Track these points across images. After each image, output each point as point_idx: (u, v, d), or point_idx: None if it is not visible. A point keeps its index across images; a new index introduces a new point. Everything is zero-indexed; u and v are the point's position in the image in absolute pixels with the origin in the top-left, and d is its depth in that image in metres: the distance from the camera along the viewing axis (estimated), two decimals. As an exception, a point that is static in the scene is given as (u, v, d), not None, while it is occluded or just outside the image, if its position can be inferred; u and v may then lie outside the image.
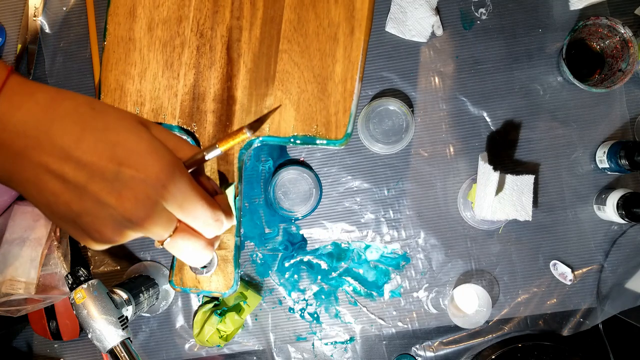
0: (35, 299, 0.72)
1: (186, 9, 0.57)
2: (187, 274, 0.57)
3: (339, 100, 0.55)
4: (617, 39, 0.71)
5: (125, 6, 0.57)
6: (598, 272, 0.77)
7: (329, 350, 0.79)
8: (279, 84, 0.56)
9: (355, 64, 0.55)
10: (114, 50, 0.58)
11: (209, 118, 0.58)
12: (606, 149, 0.74)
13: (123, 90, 0.58)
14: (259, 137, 0.56)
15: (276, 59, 0.56)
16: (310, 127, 0.56)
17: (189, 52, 0.57)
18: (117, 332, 0.58)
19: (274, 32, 0.56)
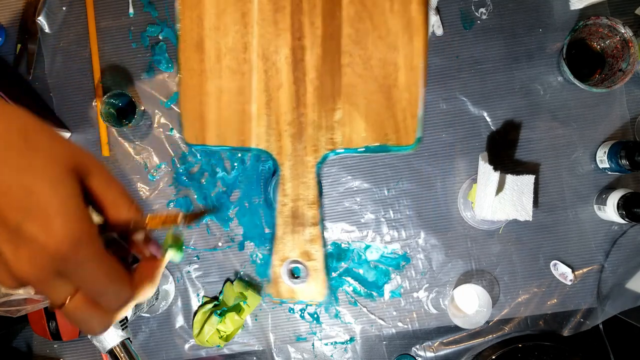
0: (35, 299, 0.72)
1: (249, 36, 0.60)
2: (282, 285, 0.59)
3: (406, 107, 0.57)
4: (618, 38, 0.71)
5: (192, 40, 0.60)
6: (598, 272, 0.77)
7: (329, 350, 0.79)
8: (345, 98, 0.59)
9: (417, 70, 0.57)
10: (189, 84, 0.61)
11: (284, 138, 0.60)
12: (606, 149, 0.74)
13: (203, 122, 0.61)
14: (333, 151, 0.58)
15: (340, 73, 0.59)
16: (381, 136, 0.58)
17: (257, 77, 0.60)
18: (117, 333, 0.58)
19: (334, 47, 0.59)
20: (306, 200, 0.60)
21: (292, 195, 0.60)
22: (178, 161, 0.79)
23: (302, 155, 0.60)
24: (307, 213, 0.60)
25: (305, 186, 0.60)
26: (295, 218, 0.60)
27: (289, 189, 0.60)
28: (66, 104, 0.79)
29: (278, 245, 0.59)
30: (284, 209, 0.60)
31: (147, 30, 0.79)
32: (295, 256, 0.59)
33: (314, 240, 0.59)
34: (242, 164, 0.78)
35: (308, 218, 0.60)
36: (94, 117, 0.79)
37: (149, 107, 0.79)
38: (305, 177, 0.60)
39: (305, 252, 0.59)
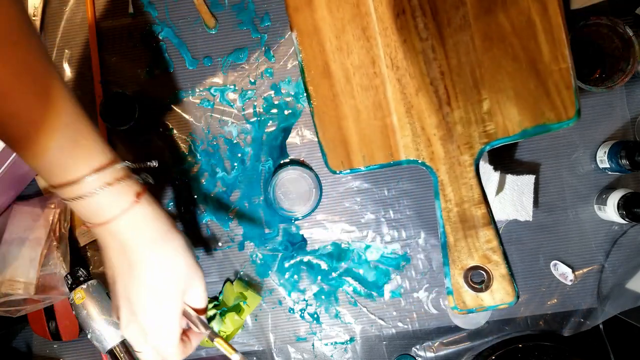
0: (35, 299, 0.72)
1: (375, 49, 0.58)
2: (467, 295, 0.56)
3: (557, 79, 0.54)
4: (618, 38, 0.71)
5: (317, 68, 0.58)
6: (599, 272, 0.77)
7: (329, 350, 0.79)
8: (490, 86, 0.56)
9: (559, 39, 0.54)
10: (323, 112, 0.59)
11: (434, 142, 0.57)
12: (607, 149, 0.74)
13: (346, 146, 0.59)
14: (489, 143, 0.56)
15: (478, 62, 0.56)
16: (537, 117, 0.55)
17: (392, 87, 0.58)
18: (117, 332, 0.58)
19: (467, 38, 0.56)
20: (472, 200, 0.57)
21: (456, 199, 0.57)
22: (178, 161, 0.79)
23: (457, 156, 0.57)
24: (476, 213, 0.56)
25: (467, 187, 0.57)
26: (465, 222, 0.57)
27: (451, 193, 0.57)
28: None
29: (453, 254, 0.56)
30: (450, 215, 0.57)
31: (147, 30, 0.79)
32: (475, 262, 0.56)
33: (490, 240, 0.56)
34: (242, 164, 0.78)
35: (478, 219, 0.56)
36: (94, 117, 0.79)
37: (148, 107, 0.79)
38: (465, 178, 0.57)
39: (484, 255, 0.56)
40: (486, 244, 0.56)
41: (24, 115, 0.41)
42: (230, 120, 0.78)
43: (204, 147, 0.79)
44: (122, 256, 0.47)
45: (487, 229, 0.56)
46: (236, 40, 0.79)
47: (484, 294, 0.55)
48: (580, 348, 0.76)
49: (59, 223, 0.75)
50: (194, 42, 0.79)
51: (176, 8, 0.79)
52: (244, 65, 0.79)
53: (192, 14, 0.79)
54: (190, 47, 0.79)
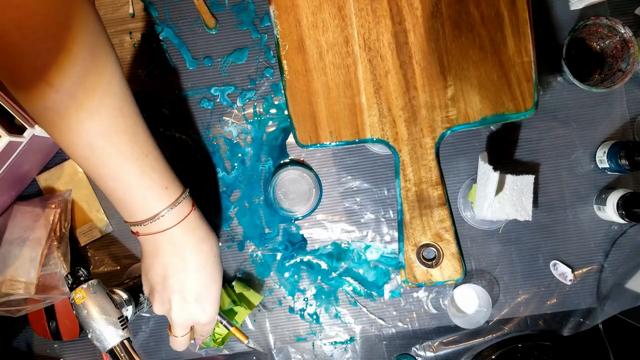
0: (35, 299, 0.72)
1: (349, 29, 0.60)
2: (417, 270, 0.59)
3: (519, 72, 0.57)
4: (617, 39, 0.71)
5: (292, 42, 0.60)
6: (598, 272, 0.77)
7: (329, 350, 0.79)
8: (455, 74, 0.58)
9: (525, 33, 0.56)
10: (295, 86, 0.61)
11: (398, 124, 0.60)
12: (606, 149, 0.74)
13: (314, 120, 0.61)
14: (450, 128, 0.59)
15: (447, 50, 0.58)
16: (497, 106, 0.58)
17: (363, 67, 0.60)
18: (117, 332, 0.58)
19: (437, 25, 0.58)
20: (429, 182, 0.59)
21: (415, 179, 0.59)
22: (178, 161, 0.79)
23: (420, 138, 0.59)
24: (433, 194, 0.59)
25: (426, 168, 0.59)
26: (421, 201, 0.59)
27: (410, 174, 0.60)
28: (66, 104, 0.79)
29: (408, 231, 0.59)
30: (409, 194, 0.60)
31: (147, 30, 0.79)
32: (427, 239, 0.59)
33: (444, 220, 0.59)
34: (242, 164, 0.78)
35: (434, 199, 0.59)
36: (94, 117, 0.79)
37: (148, 107, 0.79)
38: (425, 159, 0.59)
39: (437, 233, 0.59)
40: (440, 223, 0.59)
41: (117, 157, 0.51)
42: (230, 120, 0.79)
43: (204, 147, 0.79)
44: (177, 256, 0.56)
45: (441, 209, 0.59)
46: (236, 40, 0.79)
47: (434, 269, 0.59)
48: (579, 348, 0.76)
49: (60, 223, 0.75)
50: (194, 42, 0.79)
51: (176, 8, 0.79)
52: (244, 65, 0.79)
53: (193, 14, 0.79)
54: (191, 47, 0.79)
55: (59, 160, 0.79)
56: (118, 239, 0.79)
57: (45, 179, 0.79)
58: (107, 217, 0.79)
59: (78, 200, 0.79)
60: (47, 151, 0.77)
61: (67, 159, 0.79)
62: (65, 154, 0.78)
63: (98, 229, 0.79)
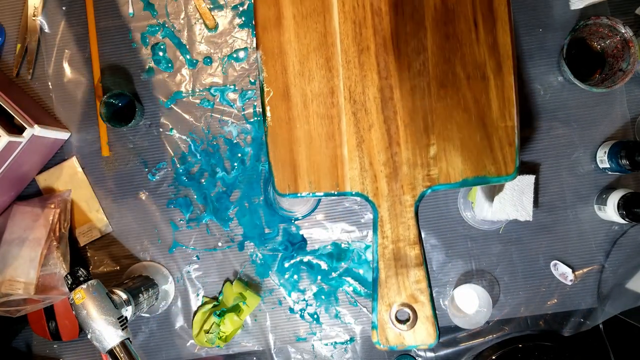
0: (35, 299, 0.72)
1: (336, 80, 0.60)
2: (390, 332, 0.58)
3: (502, 136, 0.57)
4: (618, 38, 0.71)
5: (278, 89, 0.60)
6: (599, 273, 0.77)
7: (329, 350, 0.79)
8: (439, 133, 0.58)
9: (509, 98, 0.57)
10: (277, 133, 0.60)
11: (379, 179, 0.59)
12: (607, 149, 0.74)
13: (294, 169, 0.60)
14: (430, 187, 0.59)
15: (432, 109, 0.58)
16: (479, 169, 0.58)
17: (347, 119, 0.60)
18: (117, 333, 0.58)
19: (423, 83, 0.58)
20: (407, 240, 0.58)
21: (392, 237, 0.58)
22: (178, 161, 0.79)
23: (400, 195, 0.59)
24: (410, 253, 0.58)
25: (405, 226, 0.59)
26: (398, 260, 0.58)
27: (389, 231, 0.59)
28: (66, 104, 0.79)
29: (382, 290, 0.58)
30: (385, 252, 0.58)
31: (147, 30, 0.79)
32: (402, 300, 0.58)
33: (420, 281, 0.58)
34: (242, 164, 0.78)
35: (411, 258, 0.58)
36: (93, 117, 0.79)
37: (148, 107, 0.79)
38: (404, 217, 0.59)
39: (412, 295, 0.58)
40: (416, 283, 0.58)
41: None
42: (230, 120, 0.78)
43: (204, 147, 0.79)
44: None
45: (418, 269, 0.58)
46: (236, 40, 0.79)
47: (407, 332, 0.57)
48: (580, 348, 0.76)
49: (59, 223, 0.75)
50: (194, 42, 0.79)
51: (176, 9, 0.79)
52: (244, 65, 0.79)
53: (193, 14, 0.79)
54: (191, 48, 0.79)
55: (59, 160, 0.79)
56: (118, 239, 0.79)
57: (45, 179, 0.79)
58: (106, 217, 0.79)
59: (77, 200, 0.79)
60: (47, 151, 0.77)
61: (66, 159, 0.79)
62: (64, 153, 0.78)
63: (97, 229, 0.79)
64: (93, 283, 0.60)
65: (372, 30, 0.58)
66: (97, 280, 0.61)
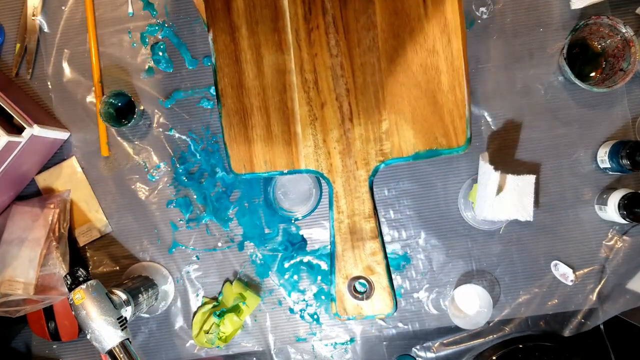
0: (34, 300, 0.72)
1: (287, 59, 0.60)
2: (348, 303, 0.59)
3: (452, 108, 0.58)
4: (619, 38, 0.71)
5: (231, 72, 0.61)
6: (599, 273, 0.77)
7: (329, 351, 0.79)
8: (390, 108, 0.59)
9: (459, 71, 0.57)
10: (231, 114, 0.61)
11: (333, 155, 0.60)
12: (607, 149, 0.74)
13: (250, 150, 0.61)
14: (384, 162, 0.59)
15: (382, 84, 0.59)
16: (431, 141, 0.58)
17: (299, 98, 0.60)
18: (116, 333, 0.58)
19: (373, 59, 0.59)
20: (362, 214, 0.60)
21: (348, 211, 0.60)
22: (178, 161, 0.79)
23: (354, 170, 0.60)
24: (365, 227, 0.60)
25: (359, 200, 0.60)
26: (354, 234, 0.60)
27: (344, 206, 0.60)
28: (66, 104, 0.79)
29: (339, 263, 0.60)
30: (341, 226, 0.60)
31: (146, 30, 0.79)
32: (359, 272, 0.59)
33: (375, 253, 0.59)
34: (241, 164, 0.78)
35: (367, 232, 0.60)
36: (93, 117, 0.79)
37: (148, 107, 0.79)
38: (359, 192, 0.60)
39: (368, 266, 0.59)
40: (371, 255, 0.59)
41: None
42: (230, 120, 0.78)
43: (204, 147, 0.79)
44: None
45: (373, 241, 0.59)
46: (236, 40, 0.78)
47: (364, 302, 0.59)
48: (580, 348, 0.76)
49: (59, 223, 0.75)
50: (194, 41, 0.79)
51: (176, 8, 0.79)
52: (243, 65, 0.79)
53: (192, 14, 0.78)
54: (190, 47, 0.79)
55: (58, 160, 0.79)
56: (117, 239, 0.79)
57: (44, 179, 0.78)
58: (106, 217, 0.79)
59: (77, 200, 0.78)
60: (46, 151, 0.77)
61: (65, 159, 0.79)
62: (64, 153, 0.78)
63: (97, 229, 0.78)
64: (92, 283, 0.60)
65: (321, 9, 0.59)
66: (97, 281, 0.60)
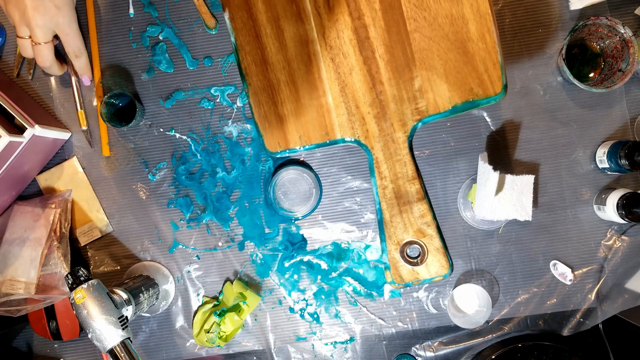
0: (35, 299, 0.72)
1: (308, 28, 0.59)
2: (403, 269, 0.57)
3: (484, 56, 0.56)
4: (617, 38, 0.71)
5: (252, 49, 0.59)
6: (598, 272, 0.77)
7: (329, 350, 0.79)
8: (420, 64, 0.57)
9: (486, 16, 0.55)
10: (259, 92, 0.60)
11: (368, 120, 0.59)
12: (606, 149, 0.74)
13: (282, 126, 0.60)
14: (421, 120, 0.57)
15: (409, 41, 0.57)
16: (466, 93, 0.56)
17: (326, 67, 0.59)
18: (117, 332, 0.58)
19: (397, 17, 0.57)
20: (406, 177, 0.58)
21: (391, 176, 0.58)
22: (178, 161, 0.79)
23: (391, 133, 0.58)
24: (410, 189, 0.58)
25: (401, 163, 0.58)
26: (399, 198, 0.58)
27: (386, 170, 0.58)
28: (67, 104, 0.79)
29: (389, 230, 0.58)
30: (386, 192, 0.58)
31: (147, 30, 0.79)
32: (410, 236, 0.58)
33: (424, 214, 0.58)
34: (242, 164, 0.78)
35: (412, 194, 0.58)
36: (94, 117, 0.79)
37: (149, 107, 0.79)
38: (399, 154, 0.58)
39: (419, 229, 0.58)
40: (420, 218, 0.58)
41: None
42: (230, 120, 0.79)
43: (204, 147, 0.79)
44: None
45: (421, 203, 0.58)
46: (236, 40, 0.79)
47: (420, 267, 0.57)
48: (579, 348, 0.76)
49: (60, 223, 0.75)
50: (194, 42, 0.79)
51: (176, 8, 0.79)
52: (244, 66, 0.79)
53: (193, 14, 0.79)
54: (191, 48, 0.79)
55: (59, 160, 0.79)
56: (118, 239, 0.79)
57: (46, 179, 0.79)
58: (107, 217, 0.79)
59: (78, 200, 0.79)
60: (47, 151, 0.77)
61: (67, 159, 0.79)
62: (65, 153, 0.78)
63: (98, 229, 0.79)
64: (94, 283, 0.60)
65: None
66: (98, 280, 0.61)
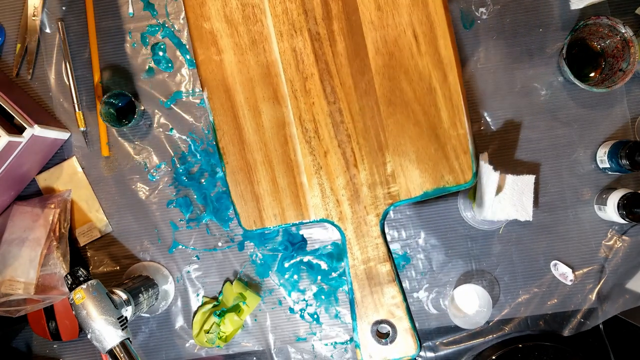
0: (35, 299, 0.72)
1: (285, 110, 0.60)
2: (373, 349, 0.58)
3: (455, 144, 0.58)
4: (618, 38, 0.71)
5: (230, 128, 0.60)
6: (599, 272, 0.77)
7: (329, 350, 0.79)
8: (393, 149, 0.59)
9: (458, 106, 0.57)
10: (236, 171, 0.61)
11: (341, 202, 0.60)
12: (607, 149, 0.74)
13: (258, 205, 0.61)
14: (393, 204, 0.59)
15: (382, 126, 0.59)
16: (437, 180, 0.58)
17: (301, 148, 0.60)
18: (117, 333, 0.58)
19: (372, 102, 0.59)
20: (377, 259, 0.59)
21: (363, 258, 0.59)
22: (178, 161, 0.79)
23: (364, 216, 0.59)
24: (382, 271, 0.59)
25: (373, 246, 0.59)
26: (371, 279, 0.59)
27: (357, 252, 0.59)
28: (66, 104, 0.79)
29: (360, 310, 0.59)
30: (358, 272, 0.59)
31: (147, 30, 0.79)
32: (380, 317, 0.58)
33: (394, 296, 0.59)
34: (242, 164, 0.78)
35: (384, 275, 0.59)
36: (93, 117, 0.79)
37: (148, 107, 0.79)
38: (371, 236, 0.59)
39: (389, 311, 0.58)
40: (391, 299, 0.58)
41: None
42: (230, 120, 0.78)
43: (204, 147, 0.79)
44: None
45: (391, 285, 0.59)
46: (236, 40, 0.78)
47: (389, 347, 0.58)
48: (580, 348, 0.76)
49: (59, 223, 0.75)
50: (194, 42, 0.79)
51: (176, 8, 0.79)
52: (244, 65, 0.79)
53: (192, 14, 0.78)
54: (190, 47, 0.79)
55: (58, 160, 0.79)
56: (117, 239, 0.79)
57: (45, 179, 0.79)
58: (106, 217, 0.79)
59: (77, 200, 0.79)
60: (47, 151, 0.77)
61: (66, 159, 0.79)
62: (64, 153, 0.78)
63: (97, 229, 0.79)
64: (93, 283, 0.60)
65: (314, 57, 0.59)
66: (97, 280, 0.61)
